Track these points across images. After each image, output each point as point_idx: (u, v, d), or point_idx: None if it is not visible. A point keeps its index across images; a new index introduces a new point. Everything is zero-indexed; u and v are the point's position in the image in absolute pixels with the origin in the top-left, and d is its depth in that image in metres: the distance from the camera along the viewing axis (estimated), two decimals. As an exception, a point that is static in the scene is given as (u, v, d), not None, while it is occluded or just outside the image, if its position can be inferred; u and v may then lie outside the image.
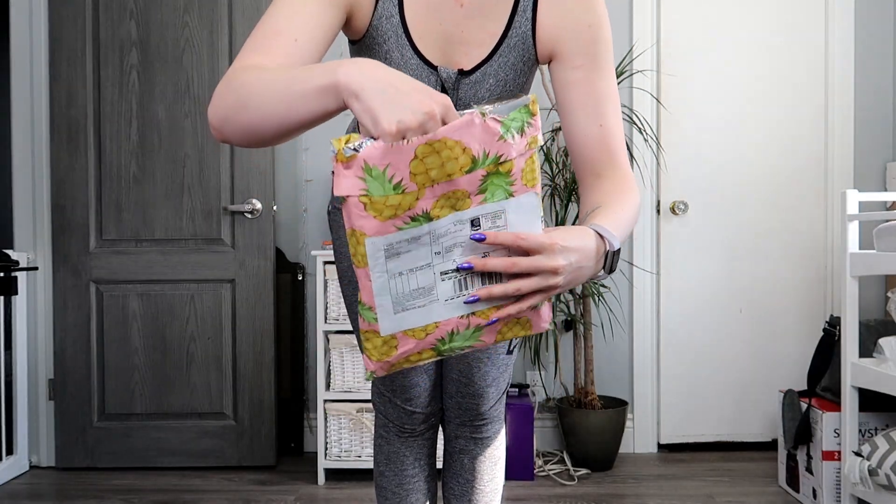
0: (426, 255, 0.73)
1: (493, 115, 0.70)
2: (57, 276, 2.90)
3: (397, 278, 0.74)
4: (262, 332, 2.91)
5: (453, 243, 0.74)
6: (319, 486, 2.69)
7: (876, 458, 2.13)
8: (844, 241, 2.30)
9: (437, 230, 0.73)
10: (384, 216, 0.70)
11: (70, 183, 2.89)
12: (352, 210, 0.70)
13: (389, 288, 0.74)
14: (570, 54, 1.01)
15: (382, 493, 1.40)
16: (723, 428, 3.15)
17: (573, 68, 1.01)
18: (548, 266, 0.76)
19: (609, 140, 1.01)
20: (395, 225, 0.71)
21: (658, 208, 3.14)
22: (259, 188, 2.88)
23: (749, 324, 3.15)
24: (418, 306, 0.75)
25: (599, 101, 1.00)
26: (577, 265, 0.79)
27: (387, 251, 0.72)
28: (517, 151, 0.73)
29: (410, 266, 0.74)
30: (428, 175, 0.70)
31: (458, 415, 1.35)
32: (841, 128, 3.11)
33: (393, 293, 0.74)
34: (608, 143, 1.00)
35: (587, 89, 1.01)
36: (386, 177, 0.68)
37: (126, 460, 2.91)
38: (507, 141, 0.71)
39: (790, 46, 3.14)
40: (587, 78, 1.01)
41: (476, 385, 1.30)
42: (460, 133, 0.69)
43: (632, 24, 3.09)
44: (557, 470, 2.82)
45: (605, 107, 1.01)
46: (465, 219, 0.73)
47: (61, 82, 2.88)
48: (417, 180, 0.70)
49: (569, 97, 1.02)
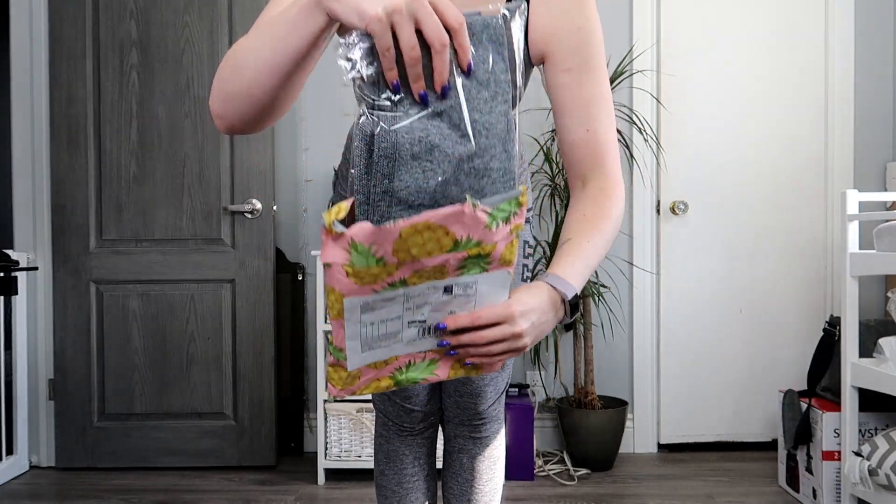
0: (398, 309, 0.78)
1: (482, 208, 0.73)
2: (57, 276, 2.90)
3: (369, 327, 0.78)
4: (262, 332, 2.91)
5: (424, 302, 0.78)
6: (319, 486, 2.69)
7: (876, 458, 2.13)
8: (844, 241, 2.30)
9: (412, 293, 0.77)
10: (364, 282, 0.73)
11: (70, 183, 2.89)
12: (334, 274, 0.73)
13: (360, 335, 0.78)
14: (560, 57, 1.00)
15: (382, 492, 1.41)
16: (723, 428, 3.15)
17: (563, 71, 1.00)
18: (511, 333, 0.80)
19: (595, 145, 0.99)
20: (373, 289, 0.75)
21: (658, 208, 3.14)
22: (259, 188, 2.88)
23: (749, 324, 3.15)
24: (383, 346, 0.80)
25: (588, 105, 0.99)
26: (538, 323, 0.83)
27: (362, 307, 0.76)
28: (500, 238, 0.76)
29: (383, 318, 0.78)
30: (409, 252, 0.73)
31: (457, 414, 1.35)
32: (841, 128, 3.11)
33: (363, 338, 0.78)
34: (594, 148, 0.99)
35: (576, 93, 0.99)
36: (370, 252, 0.71)
37: (126, 460, 2.91)
38: (492, 230, 0.74)
39: (790, 46, 3.14)
40: (577, 81, 0.99)
41: (474, 384, 1.31)
42: (447, 220, 0.71)
43: (632, 24, 3.09)
44: (557, 470, 2.82)
45: (594, 110, 0.99)
46: (440, 286, 0.78)
47: (61, 82, 2.88)
48: (399, 256, 0.73)
49: (559, 100, 1.01)
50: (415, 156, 0.79)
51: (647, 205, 3.11)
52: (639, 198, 3.10)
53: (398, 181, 0.79)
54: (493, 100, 0.81)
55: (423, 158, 0.79)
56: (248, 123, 0.88)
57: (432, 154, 0.79)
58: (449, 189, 0.80)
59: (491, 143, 0.82)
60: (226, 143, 2.89)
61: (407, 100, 0.79)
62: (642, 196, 3.10)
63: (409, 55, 0.74)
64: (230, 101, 0.86)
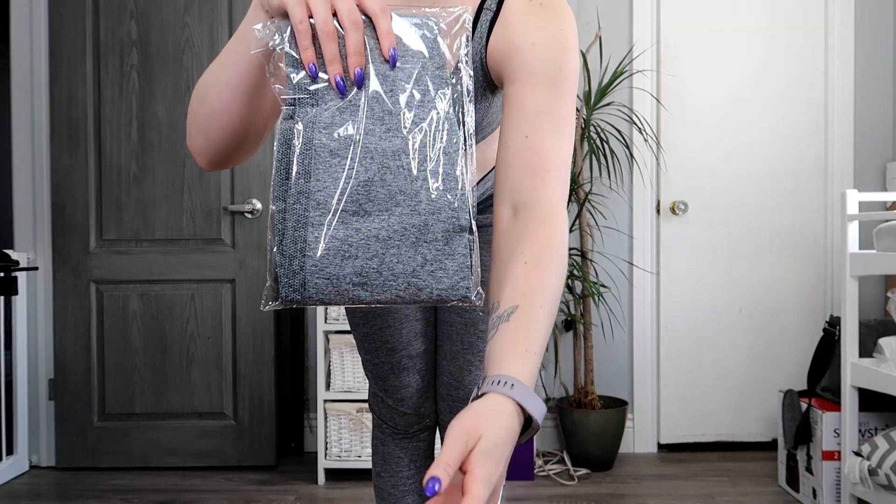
0: None
1: None
2: (57, 276, 2.90)
3: None
4: (262, 332, 2.91)
5: None
6: (319, 486, 2.69)
7: (876, 458, 2.13)
8: (844, 241, 2.30)
9: None
10: None
11: (70, 183, 2.89)
12: None
13: None
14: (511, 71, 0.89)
15: (380, 494, 1.41)
16: (723, 428, 3.15)
17: (510, 82, 0.88)
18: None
19: (534, 157, 0.83)
20: None
21: (658, 208, 3.14)
22: (259, 188, 2.88)
23: (749, 324, 3.15)
24: None
25: (534, 116, 0.85)
26: (500, 474, 0.66)
27: None
28: None
29: None
30: None
31: (451, 418, 1.35)
32: (841, 128, 3.11)
33: None
34: (532, 161, 0.82)
35: (522, 101, 0.86)
36: None
37: (126, 460, 2.91)
38: None
39: (790, 46, 3.14)
40: (522, 91, 0.86)
41: (467, 388, 1.29)
42: None
43: (632, 24, 3.09)
44: (557, 470, 2.82)
45: (540, 122, 0.84)
46: None
47: (61, 82, 2.88)
48: None
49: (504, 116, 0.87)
50: (333, 152, 0.72)
51: (647, 205, 3.11)
52: (639, 198, 3.10)
53: (315, 181, 0.71)
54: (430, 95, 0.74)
55: (343, 155, 0.72)
56: (225, 154, 0.86)
57: (352, 150, 0.72)
58: (374, 190, 0.72)
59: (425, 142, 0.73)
60: (226, 143, 2.89)
61: (327, 92, 0.73)
62: (642, 196, 3.10)
63: (322, 30, 0.70)
64: (202, 133, 0.85)
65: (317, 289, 0.72)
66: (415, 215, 0.72)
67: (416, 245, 0.72)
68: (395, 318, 1.26)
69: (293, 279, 0.72)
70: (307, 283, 0.72)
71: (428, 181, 0.73)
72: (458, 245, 0.73)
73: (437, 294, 0.73)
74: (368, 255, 0.72)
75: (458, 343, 1.27)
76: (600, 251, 3.11)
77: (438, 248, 0.72)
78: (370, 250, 0.72)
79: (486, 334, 1.26)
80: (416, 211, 0.72)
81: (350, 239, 0.72)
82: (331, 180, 0.71)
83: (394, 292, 0.73)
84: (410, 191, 0.72)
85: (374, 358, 1.30)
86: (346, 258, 0.72)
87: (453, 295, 0.73)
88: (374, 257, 0.72)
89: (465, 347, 1.27)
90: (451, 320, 1.27)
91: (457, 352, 1.28)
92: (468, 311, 1.26)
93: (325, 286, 0.72)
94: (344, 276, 0.72)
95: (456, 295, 0.73)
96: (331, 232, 0.72)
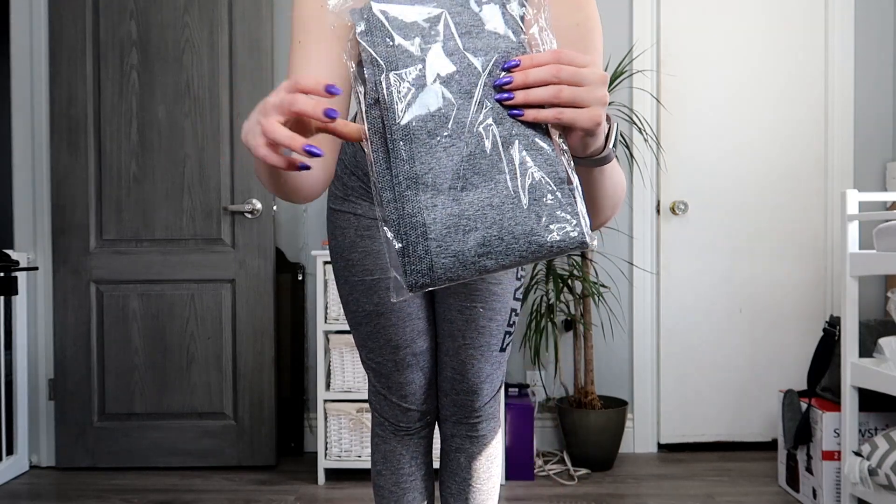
0: None
1: None
2: (57, 276, 2.90)
3: None
4: (262, 332, 2.91)
5: None
6: (319, 486, 2.69)
7: (876, 458, 2.13)
8: (844, 241, 2.30)
9: None
10: None
11: (70, 183, 2.89)
12: None
13: None
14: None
15: (380, 492, 1.41)
16: (722, 428, 3.15)
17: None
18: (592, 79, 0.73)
19: None
20: None
21: (658, 208, 3.14)
22: (259, 188, 2.88)
23: (749, 324, 3.15)
24: None
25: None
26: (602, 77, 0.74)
27: None
28: None
29: None
30: None
31: (454, 412, 1.35)
32: (841, 128, 3.11)
33: None
34: None
35: None
36: None
37: (126, 460, 2.91)
38: None
39: (790, 46, 3.13)
40: None
41: (470, 381, 1.31)
42: None
43: (632, 24, 3.09)
44: (557, 470, 2.82)
45: None
46: None
47: (61, 82, 2.88)
48: None
49: None
50: (430, 132, 0.73)
51: (647, 205, 3.11)
52: (639, 198, 3.10)
53: (419, 164, 0.73)
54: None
55: (440, 134, 0.73)
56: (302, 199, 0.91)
57: (449, 128, 0.73)
58: (478, 163, 0.73)
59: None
60: (226, 143, 2.89)
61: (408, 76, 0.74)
62: (642, 196, 3.10)
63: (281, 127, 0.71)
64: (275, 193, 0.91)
65: (444, 268, 0.73)
66: (518, 176, 0.74)
67: (527, 205, 0.73)
68: (398, 316, 1.27)
69: (419, 264, 0.73)
70: (434, 265, 0.73)
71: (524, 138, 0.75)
72: (563, 196, 0.74)
73: (557, 247, 0.73)
74: (487, 224, 0.73)
75: (460, 339, 1.30)
76: (600, 251, 3.11)
77: (548, 202, 0.73)
78: (488, 219, 0.73)
79: (487, 329, 1.28)
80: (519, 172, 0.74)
81: (466, 213, 0.73)
82: (434, 161, 0.73)
83: (517, 255, 0.73)
84: (508, 155, 0.74)
85: (378, 356, 1.31)
86: (467, 232, 0.73)
87: (571, 244, 0.73)
88: (493, 225, 0.73)
89: (467, 343, 1.30)
90: (452, 317, 1.29)
91: (458, 347, 1.30)
92: (468, 309, 1.29)
93: (451, 264, 0.73)
94: (468, 250, 0.73)
95: (574, 243, 0.74)
96: (447, 210, 0.73)
